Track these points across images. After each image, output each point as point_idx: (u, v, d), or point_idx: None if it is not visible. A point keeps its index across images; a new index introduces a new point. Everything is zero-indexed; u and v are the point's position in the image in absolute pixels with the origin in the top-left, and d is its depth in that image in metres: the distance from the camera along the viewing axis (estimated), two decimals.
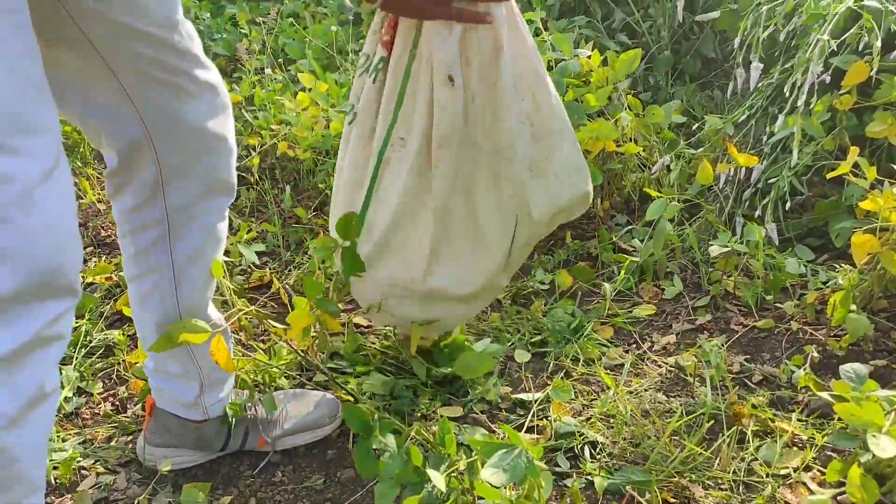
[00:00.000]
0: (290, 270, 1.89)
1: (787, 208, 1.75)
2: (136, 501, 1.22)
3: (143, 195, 1.12)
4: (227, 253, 1.70)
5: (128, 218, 1.15)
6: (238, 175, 1.25)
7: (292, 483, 1.28)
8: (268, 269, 1.88)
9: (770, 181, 1.81)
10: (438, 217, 1.18)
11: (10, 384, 0.76)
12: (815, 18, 1.76)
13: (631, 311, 1.67)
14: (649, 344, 1.58)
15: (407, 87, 1.12)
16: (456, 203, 1.19)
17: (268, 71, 2.50)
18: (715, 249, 1.63)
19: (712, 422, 1.28)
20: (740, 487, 1.19)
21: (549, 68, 2.00)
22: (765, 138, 1.91)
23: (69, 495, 1.26)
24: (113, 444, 1.37)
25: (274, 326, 1.37)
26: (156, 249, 1.15)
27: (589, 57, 1.94)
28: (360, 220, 1.21)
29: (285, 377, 1.48)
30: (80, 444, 1.37)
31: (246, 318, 1.44)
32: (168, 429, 1.30)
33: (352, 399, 1.42)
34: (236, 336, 1.52)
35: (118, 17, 0.97)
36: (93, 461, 1.33)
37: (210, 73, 1.10)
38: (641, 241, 1.85)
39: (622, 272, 1.70)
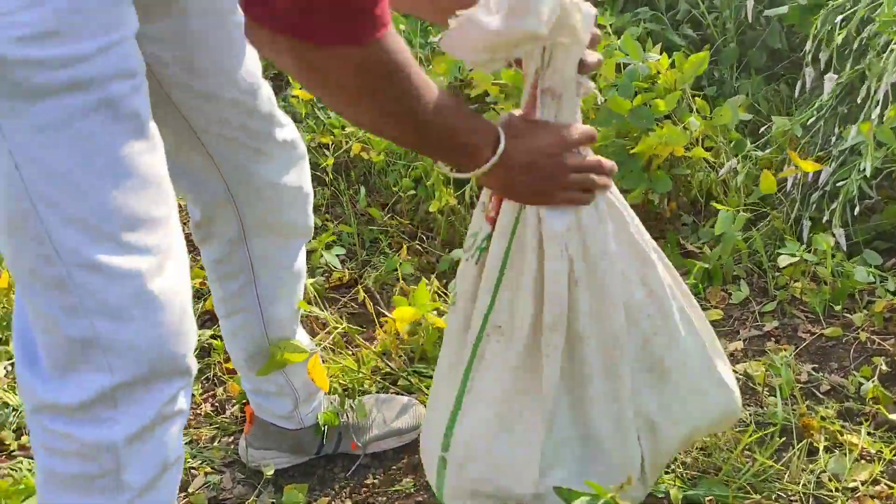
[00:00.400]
0: (366, 270, 1.98)
1: (855, 213, 1.77)
2: (245, 503, 1.33)
3: (227, 248, 1.21)
4: (309, 254, 1.79)
5: (214, 267, 1.25)
6: (313, 173, 1.33)
7: (384, 486, 1.38)
8: (346, 270, 1.97)
9: (839, 184, 1.83)
10: (547, 422, 1.02)
11: (138, 459, 0.85)
12: (888, 25, 1.75)
13: None
14: None
15: (507, 265, 0.99)
16: (562, 406, 1.02)
17: None
18: (784, 260, 1.67)
19: (783, 438, 1.34)
20: (810, 500, 1.25)
21: (617, 70, 2.03)
22: (833, 139, 1.92)
23: (181, 494, 1.38)
24: (216, 444, 1.49)
25: (362, 342, 1.46)
26: (242, 294, 1.24)
27: (658, 61, 1.96)
28: (449, 426, 1.06)
29: (370, 380, 1.57)
30: (187, 444, 1.49)
31: (339, 335, 1.54)
32: (267, 435, 1.40)
33: None
34: (328, 345, 1.62)
35: (210, 88, 1.04)
36: (200, 461, 1.45)
37: (287, 130, 1.17)
38: (708, 242, 1.89)
39: (690, 278, 1.75)
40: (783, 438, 1.34)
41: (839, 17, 1.87)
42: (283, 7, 0.70)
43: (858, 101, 1.77)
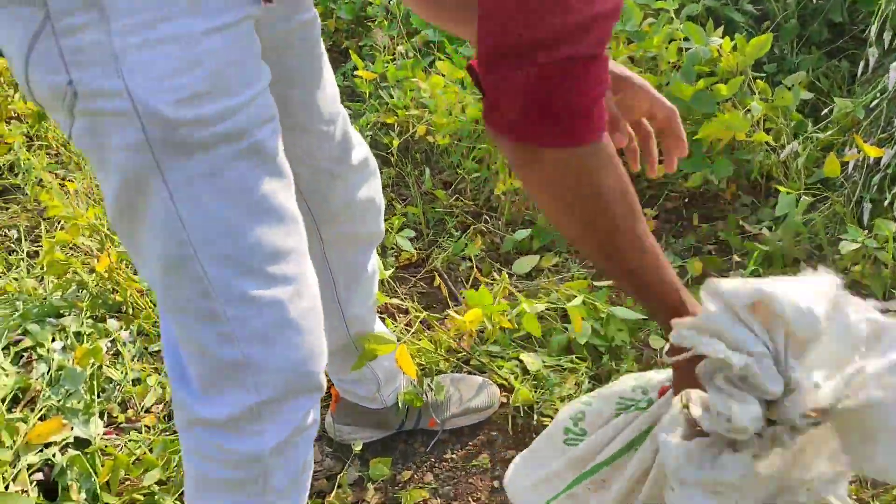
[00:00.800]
0: (433, 250, 2.07)
1: None
2: (338, 477, 1.44)
3: (314, 264, 1.29)
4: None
5: None
6: (378, 153, 1.39)
7: (462, 460, 1.49)
8: (414, 250, 2.06)
9: None
10: None
11: (281, 466, 0.95)
12: None
13: None
14: None
15: (642, 443, 0.98)
16: None
17: (399, 48, 2.62)
18: (846, 246, 1.71)
19: None
20: (869, 483, 1.32)
21: (679, 52, 2.06)
22: (895, 121, 1.94)
23: None
24: None
25: (439, 327, 1.55)
26: (324, 299, 1.32)
27: (720, 46, 1.98)
28: None
29: (445, 361, 1.67)
30: None
31: (417, 320, 1.63)
32: (352, 413, 1.51)
33: (506, 383, 1.60)
34: (405, 328, 1.72)
35: (298, 121, 1.10)
36: None
37: (359, 150, 1.22)
38: (768, 224, 1.94)
39: (750, 263, 1.80)
40: None
41: None
42: (512, 115, 0.74)
43: None
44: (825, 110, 2.09)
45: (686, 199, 2.12)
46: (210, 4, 0.76)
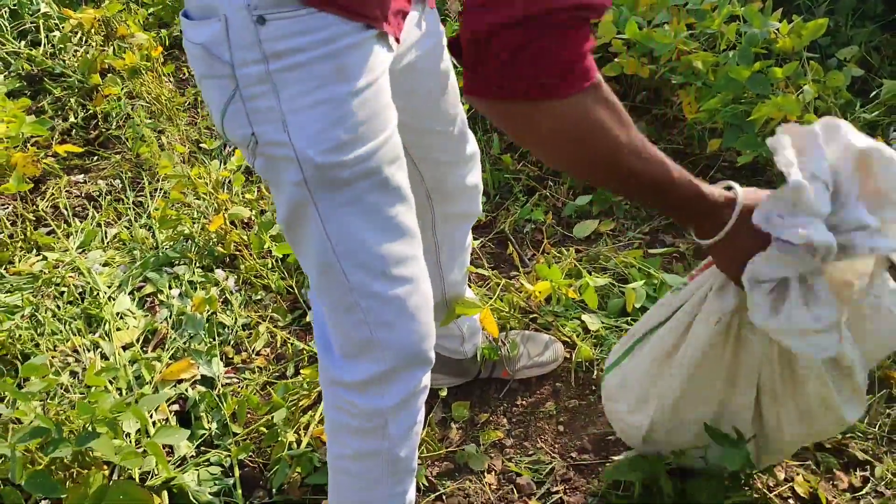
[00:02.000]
0: (499, 213, 2.28)
1: None
2: (427, 417, 1.70)
3: (422, 234, 1.50)
4: None
5: None
6: None
7: (531, 407, 1.73)
8: (483, 216, 2.26)
9: None
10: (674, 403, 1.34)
11: (398, 420, 1.19)
12: None
13: None
14: None
15: (680, 310, 1.28)
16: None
17: None
18: None
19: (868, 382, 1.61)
20: (884, 441, 1.54)
21: (739, 35, 2.19)
22: None
23: None
24: None
25: (515, 291, 1.77)
26: (430, 266, 1.53)
27: (777, 29, 2.11)
28: (606, 371, 1.46)
29: (516, 320, 1.90)
30: None
31: (495, 284, 1.85)
32: (438, 362, 1.75)
33: (569, 340, 1.83)
34: (487, 293, 1.94)
35: (424, 125, 1.30)
36: None
37: (471, 142, 1.42)
38: None
39: None
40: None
41: None
42: (501, 78, 0.85)
43: None
44: (876, 90, 2.22)
45: (734, 171, 2.28)
46: (352, 71, 0.96)
